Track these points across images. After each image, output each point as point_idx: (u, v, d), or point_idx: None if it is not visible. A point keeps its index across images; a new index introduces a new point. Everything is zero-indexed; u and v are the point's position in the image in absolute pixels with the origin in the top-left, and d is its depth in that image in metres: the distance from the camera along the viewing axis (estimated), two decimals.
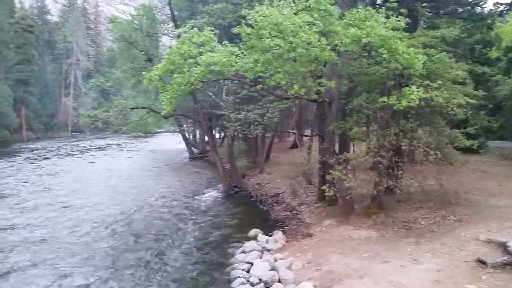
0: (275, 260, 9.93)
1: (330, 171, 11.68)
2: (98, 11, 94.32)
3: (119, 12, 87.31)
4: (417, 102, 9.49)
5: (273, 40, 9.31)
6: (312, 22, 9.58)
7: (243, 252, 11.10)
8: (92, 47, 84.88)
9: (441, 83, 10.24)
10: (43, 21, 78.25)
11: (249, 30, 9.83)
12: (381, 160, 11.17)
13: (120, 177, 25.16)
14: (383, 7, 10.66)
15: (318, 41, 9.36)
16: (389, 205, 12.53)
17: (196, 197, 19.46)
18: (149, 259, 11.05)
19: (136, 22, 22.71)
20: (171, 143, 43.70)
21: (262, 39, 9.59)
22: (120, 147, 43.63)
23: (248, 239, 12.23)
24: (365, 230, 11.02)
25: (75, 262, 10.77)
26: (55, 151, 41.80)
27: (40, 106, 64.25)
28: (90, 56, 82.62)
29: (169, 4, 21.30)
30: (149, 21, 22.86)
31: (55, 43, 74.02)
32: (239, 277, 9.28)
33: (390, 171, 11.70)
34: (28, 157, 35.88)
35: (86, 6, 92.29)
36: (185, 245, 12.29)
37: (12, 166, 29.89)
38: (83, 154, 39.25)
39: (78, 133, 68.08)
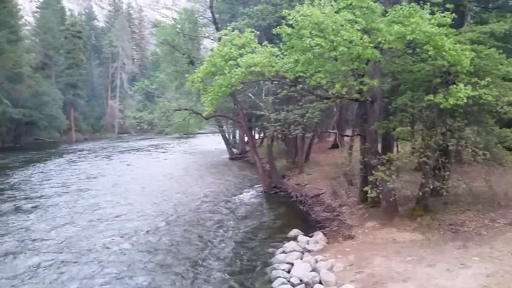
0: (316, 261, 9.84)
1: (373, 172, 11.45)
2: (142, 16, 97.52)
3: (162, 17, 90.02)
4: (465, 100, 9.12)
5: (313, 40, 9.24)
6: (354, 20, 9.44)
7: (283, 252, 11.07)
8: (136, 51, 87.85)
9: (490, 80, 9.76)
10: (90, 27, 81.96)
11: (289, 30, 9.83)
12: (427, 161, 10.81)
13: (162, 176, 25.81)
14: (428, 3, 10.32)
15: (360, 39, 9.20)
16: (435, 207, 12.10)
17: (236, 196, 19.64)
18: (189, 258, 11.23)
19: (179, 26, 23.26)
20: (211, 143, 44.38)
21: (303, 39, 9.54)
22: (163, 147, 44.83)
23: (288, 239, 12.18)
24: (409, 232, 10.70)
25: (117, 263, 10.97)
26: (101, 151, 43.62)
27: (88, 108, 67.21)
28: (135, 60, 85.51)
29: (210, 7, 21.66)
30: (191, 25, 23.34)
31: (102, 48, 77.23)
32: (280, 277, 9.27)
33: (437, 172, 11.29)
34: (76, 157, 37.73)
35: (131, 11, 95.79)
36: (225, 244, 12.41)
37: (59, 166, 31.50)
38: (127, 154, 40.68)
39: (124, 134, 70.54)
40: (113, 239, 13.05)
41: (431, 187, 11.12)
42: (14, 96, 46.32)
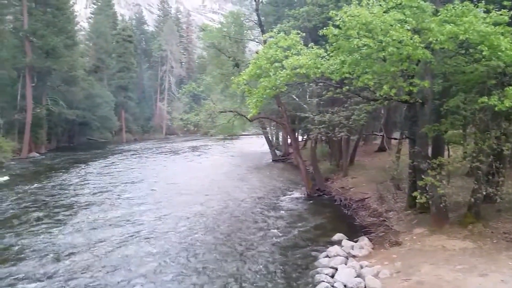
0: (361, 267, 9.64)
1: (422, 176, 11.07)
2: (190, 20, 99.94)
3: (209, 21, 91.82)
4: None
5: (361, 40, 9.10)
6: (404, 20, 9.20)
7: (327, 256, 10.93)
8: (184, 54, 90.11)
9: None
10: (140, 31, 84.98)
11: (336, 31, 9.73)
12: (480, 166, 10.32)
13: (206, 177, 26.28)
14: (482, 1, 9.85)
15: (411, 39, 8.94)
16: (487, 214, 11.50)
17: (278, 199, 19.63)
18: (231, 260, 11.32)
19: (225, 29, 23.63)
20: (254, 145, 44.63)
21: (350, 40, 9.42)
22: (208, 148, 45.64)
23: (332, 243, 12.01)
24: (460, 240, 10.23)
25: (162, 264, 11.18)
26: (149, 151, 45.11)
27: (138, 110, 69.69)
28: (183, 63, 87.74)
29: (256, 10, 21.85)
30: (236, 28, 23.64)
31: (151, 52, 79.83)
32: (323, 281, 9.16)
33: (490, 177, 10.75)
34: (126, 157, 39.41)
35: (179, 16, 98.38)
36: (267, 246, 12.42)
37: (113, 163, 32.95)
38: (173, 154, 41.82)
39: (171, 135, 72.54)
40: (153, 238, 13.47)
41: (484, 193, 10.63)
42: (69, 98, 48.87)
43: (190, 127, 30.87)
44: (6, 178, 26.45)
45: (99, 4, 70.98)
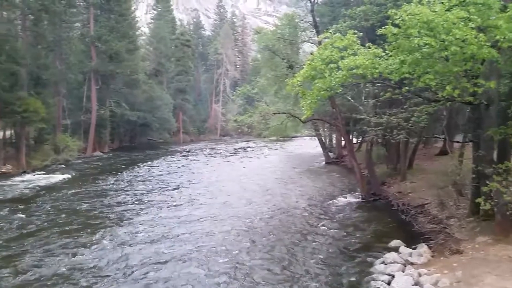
0: (419, 275, 9.28)
1: (487, 182, 10.43)
2: (245, 24, 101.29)
3: (264, 23, 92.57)
4: None
5: (422, 39, 8.75)
6: (468, 18, 8.73)
7: (383, 263, 10.65)
8: (239, 57, 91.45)
9: None
10: (198, 36, 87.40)
11: (395, 30, 9.43)
12: None
13: (258, 178, 26.52)
14: None
15: (475, 37, 8.47)
16: None
17: (332, 202, 19.32)
18: (283, 263, 11.29)
19: (279, 31, 23.71)
20: (307, 147, 44.31)
21: (410, 39, 9.09)
22: (261, 150, 45.95)
23: (389, 250, 11.67)
24: None
25: (209, 266, 11.31)
26: (205, 152, 46.28)
27: (195, 112, 71.69)
28: (237, 66, 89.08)
29: (312, 11, 21.74)
30: (291, 30, 23.63)
31: (208, 55, 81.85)
32: None
33: None
34: (184, 156, 40.94)
35: (234, 20, 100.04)
36: (321, 251, 12.29)
37: (173, 162, 34.22)
38: (228, 155, 42.57)
39: (225, 137, 73.95)
40: (204, 236, 13.83)
41: None
42: (131, 100, 51.42)
43: (244, 128, 31.28)
44: (73, 174, 28.38)
45: (159, 10, 73.95)
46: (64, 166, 32.87)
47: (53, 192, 21.85)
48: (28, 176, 27.37)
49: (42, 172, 29.48)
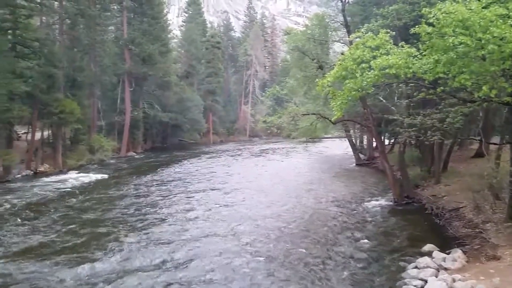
0: (453, 280, 9.00)
1: None
2: (275, 25, 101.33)
3: (294, 24, 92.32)
4: None
5: (457, 38, 8.50)
6: (507, 15, 8.41)
7: (415, 267, 10.40)
8: (268, 58, 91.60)
9: None
10: (228, 38, 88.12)
11: (429, 29, 9.21)
12: None
13: (287, 179, 26.45)
14: None
15: None
16: None
17: (362, 204, 19.02)
18: (313, 266, 11.18)
19: (309, 31, 23.56)
20: (337, 148, 43.83)
21: (445, 38, 8.85)
22: (290, 151, 45.78)
23: (422, 254, 11.38)
24: None
25: (241, 267, 11.33)
26: (234, 152, 46.57)
27: (224, 113, 72.32)
28: (267, 67, 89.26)
29: (343, 11, 21.49)
30: (321, 30, 23.45)
31: (237, 57, 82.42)
32: None
33: None
34: (215, 156, 41.40)
35: (264, 21, 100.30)
36: (352, 254, 12.11)
37: (204, 162, 34.69)
38: (257, 156, 42.71)
39: (254, 138, 74.22)
40: (232, 236, 13.90)
41: None
42: (163, 102, 52.46)
43: (273, 129, 31.25)
44: (108, 174, 29.21)
45: (190, 12, 75.09)
46: (99, 166, 33.91)
47: (90, 191, 22.58)
48: (64, 175, 28.37)
49: (78, 171, 30.49)
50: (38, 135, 32.64)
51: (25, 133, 35.81)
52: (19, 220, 16.17)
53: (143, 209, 18.23)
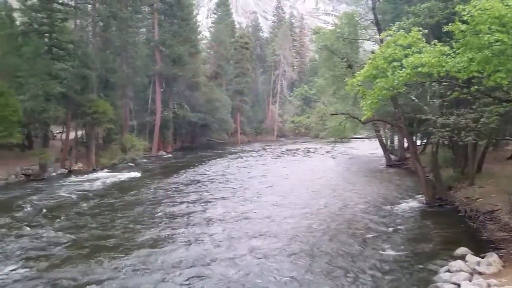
0: (488, 285, 8.74)
1: None
2: (303, 24, 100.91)
3: (323, 23, 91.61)
4: None
5: (493, 35, 8.24)
6: None
7: (448, 271, 10.15)
8: (296, 58, 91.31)
9: None
10: (256, 38, 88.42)
11: (463, 26, 8.97)
12: None
13: (315, 180, 26.28)
14: None
15: None
16: None
17: (393, 206, 18.66)
18: (345, 269, 11.07)
19: (338, 30, 23.35)
20: (366, 149, 43.19)
21: (480, 35, 8.60)
22: (318, 151, 45.46)
23: (454, 258, 11.08)
24: None
25: (271, 268, 11.31)
26: (263, 152, 46.67)
27: (252, 113, 72.60)
28: (295, 67, 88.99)
29: (373, 9, 21.20)
30: (351, 28, 23.19)
31: (265, 57, 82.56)
32: None
33: None
34: (243, 156, 41.75)
35: (293, 20, 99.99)
36: (382, 257, 11.91)
37: (232, 162, 35.02)
38: (285, 156, 42.61)
39: (282, 138, 74.12)
40: (260, 238, 13.93)
41: None
42: (192, 102, 53.21)
43: (301, 129, 31.14)
44: (140, 172, 29.93)
45: (219, 13, 75.86)
46: (131, 165, 34.78)
47: (124, 189, 23.35)
48: (97, 174, 29.28)
49: (111, 170, 31.39)
50: (72, 135, 33.81)
51: (60, 132, 37.20)
52: (63, 215, 17.12)
53: (175, 207, 18.67)
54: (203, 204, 19.26)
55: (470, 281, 9.29)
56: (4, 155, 27.95)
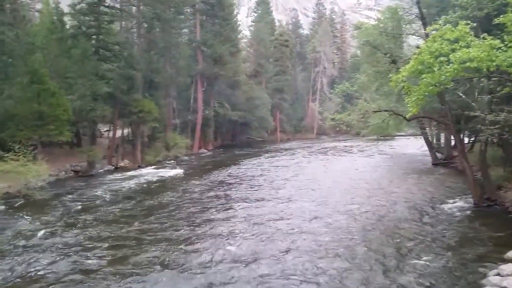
0: None
1: None
2: (344, 20, 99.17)
3: (365, 18, 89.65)
4: None
5: None
6: None
7: (498, 274, 9.73)
8: (337, 54, 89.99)
9: None
10: (296, 35, 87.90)
11: None
12: None
13: (358, 178, 25.85)
14: None
15: None
16: None
17: (440, 207, 18.04)
18: (390, 270, 10.86)
19: (381, 25, 22.80)
20: (411, 147, 41.93)
21: None
22: (360, 149, 44.64)
23: (505, 261, 10.60)
24: None
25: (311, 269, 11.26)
26: (303, 150, 46.47)
27: (291, 111, 72.36)
28: (335, 64, 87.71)
29: (418, 2, 20.53)
30: (394, 23, 22.58)
31: (305, 54, 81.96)
32: None
33: None
34: (284, 154, 41.94)
35: (333, 16, 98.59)
36: (426, 258, 11.55)
37: (272, 159, 35.23)
38: (326, 154, 42.26)
39: (322, 136, 73.38)
40: (299, 238, 13.88)
41: None
42: (232, 101, 53.83)
43: (342, 127, 30.70)
44: (183, 169, 30.78)
45: (259, 12, 76.06)
46: (174, 162, 35.82)
47: (170, 184, 24.28)
48: (143, 170, 30.38)
49: (155, 166, 32.44)
50: (119, 133, 35.21)
51: (107, 131, 38.86)
52: (117, 207, 18.23)
53: (220, 202, 19.21)
54: (242, 201, 19.57)
55: None
56: (54, 153, 29.50)
